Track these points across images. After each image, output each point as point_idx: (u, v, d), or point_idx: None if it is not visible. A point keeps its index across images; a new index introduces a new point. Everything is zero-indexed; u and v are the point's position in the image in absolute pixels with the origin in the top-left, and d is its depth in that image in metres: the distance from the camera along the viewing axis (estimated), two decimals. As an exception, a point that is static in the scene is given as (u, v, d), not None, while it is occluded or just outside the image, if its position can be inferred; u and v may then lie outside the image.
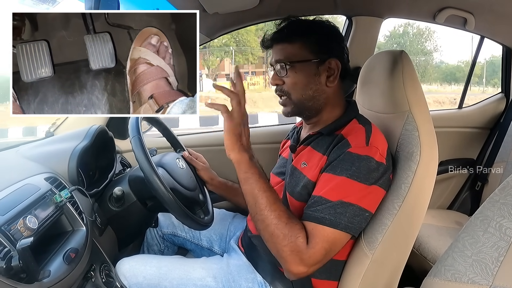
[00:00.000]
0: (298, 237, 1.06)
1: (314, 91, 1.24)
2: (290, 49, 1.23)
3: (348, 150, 1.12)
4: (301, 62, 1.22)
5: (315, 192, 1.13)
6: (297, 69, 1.22)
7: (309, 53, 1.23)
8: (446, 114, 2.72)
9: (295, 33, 1.24)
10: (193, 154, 1.73)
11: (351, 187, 1.09)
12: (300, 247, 1.06)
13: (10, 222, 0.96)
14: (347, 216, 1.08)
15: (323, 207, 1.08)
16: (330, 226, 1.07)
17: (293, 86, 1.23)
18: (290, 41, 1.23)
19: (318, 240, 1.07)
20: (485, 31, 2.41)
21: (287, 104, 1.27)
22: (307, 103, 1.25)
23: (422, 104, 1.24)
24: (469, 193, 2.65)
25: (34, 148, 1.49)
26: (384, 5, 2.06)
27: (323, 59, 1.24)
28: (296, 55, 1.22)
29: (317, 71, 1.24)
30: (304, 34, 1.24)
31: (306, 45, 1.23)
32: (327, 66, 1.24)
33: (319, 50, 1.23)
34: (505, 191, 0.81)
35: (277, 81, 1.26)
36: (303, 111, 1.28)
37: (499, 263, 0.77)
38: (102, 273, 1.24)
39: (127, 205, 1.45)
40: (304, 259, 1.06)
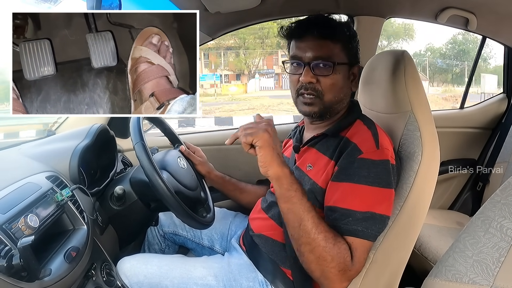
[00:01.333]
0: (346, 256, 1.06)
1: (344, 94, 1.25)
2: (333, 48, 1.20)
3: (360, 156, 1.11)
4: (342, 64, 1.21)
5: (337, 203, 1.11)
6: (338, 71, 1.20)
7: (345, 56, 1.22)
8: (447, 114, 2.72)
9: (339, 33, 1.22)
10: (191, 148, 1.73)
11: (376, 195, 1.09)
12: (348, 265, 1.06)
13: (11, 220, 0.96)
14: (377, 226, 1.09)
15: (353, 219, 1.08)
16: (363, 237, 1.08)
17: (331, 87, 1.21)
18: (334, 39, 1.20)
19: (360, 253, 1.08)
20: (487, 32, 2.40)
21: (316, 104, 1.22)
22: (334, 105, 1.24)
23: (424, 104, 1.24)
24: (470, 194, 2.65)
25: (35, 146, 1.49)
26: (386, 5, 2.06)
27: (353, 64, 1.25)
28: (337, 56, 1.20)
29: (348, 75, 1.25)
30: (346, 36, 1.23)
31: (345, 47, 1.22)
32: (353, 71, 1.26)
33: (351, 54, 1.24)
34: (506, 192, 0.81)
35: (312, 79, 1.20)
36: (328, 113, 1.26)
37: (500, 264, 0.77)
38: (103, 271, 1.24)
39: (128, 204, 1.45)
40: (350, 275, 1.09)
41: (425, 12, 2.14)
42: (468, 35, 29.45)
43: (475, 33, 2.38)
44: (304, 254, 1.09)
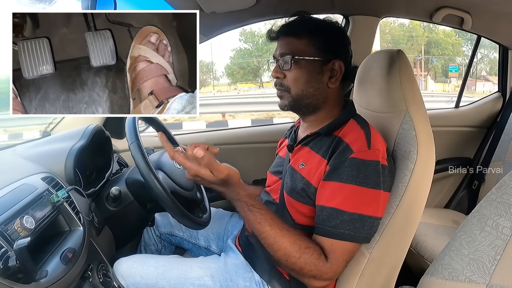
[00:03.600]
0: (318, 264, 1.09)
1: (315, 89, 1.24)
2: (296, 44, 1.23)
3: (351, 156, 1.12)
4: (306, 58, 1.22)
5: (325, 202, 1.13)
6: (301, 65, 1.22)
7: (314, 51, 1.22)
8: (443, 113, 2.72)
9: (303, 29, 1.24)
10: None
11: (364, 195, 1.10)
12: (322, 270, 1.09)
13: (7, 222, 0.95)
14: (366, 229, 1.10)
15: (341, 221, 1.09)
16: (350, 240, 1.09)
17: (295, 81, 1.23)
18: (298, 36, 1.23)
19: (339, 255, 1.10)
20: (482, 31, 2.41)
21: (285, 97, 1.26)
22: (306, 99, 1.25)
23: (419, 103, 1.24)
24: (466, 192, 2.66)
25: (30, 148, 1.49)
26: (381, 5, 2.06)
27: (328, 59, 1.24)
28: (302, 51, 1.22)
29: (320, 70, 1.24)
30: (312, 32, 1.23)
31: (312, 43, 1.22)
32: (330, 67, 1.24)
33: (325, 49, 1.23)
34: (501, 190, 0.81)
35: (279, 74, 1.25)
36: (300, 107, 1.27)
37: (496, 262, 0.77)
38: (100, 273, 1.24)
39: (124, 205, 1.45)
40: (327, 277, 1.11)
41: (420, 11, 2.14)
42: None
43: (471, 32, 2.39)
44: (277, 262, 1.18)
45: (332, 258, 1.09)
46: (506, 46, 2.55)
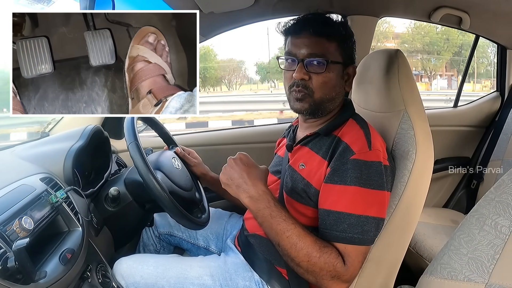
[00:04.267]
0: (336, 264, 1.07)
1: (336, 94, 1.24)
2: (327, 46, 1.20)
3: (352, 157, 1.11)
4: (336, 63, 1.21)
5: (331, 206, 1.12)
6: (331, 69, 1.20)
7: (339, 55, 1.22)
8: (441, 112, 2.73)
9: (335, 31, 1.21)
10: (186, 150, 1.74)
11: (368, 197, 1.09)
12: (340, 271, 1.07)
13: (6, 223, 0.95)
14: (373, 230, 1.10)
15: (348, 225, 1.08)
16: (360, 244, 1.08)
17: (323, 84, 1.20)
18: (329, 38, 1.20)
19: (354, 258, 1.08)
20: (480, 30, 2.42)
21: (306, 100, 1.22)
22: (326, 103, 1.24)
23: (418, 103, 1.24)
24: (464, 192, 2.66)
25: (29, 148, 1.49)
26: (379, 4, 2.06)
27: (347, 64, 1.24)
28: (332, 54, 1.20)
29: (342, 75, 1.24)
30: (342, 35, 1.23)
31: (340, 47, 1.22)
32: (347, 71, 1.25)
33: (347, 54, 1.24)
34: (500, 189, 0.81)
35: (305, 76, 1.19)
36: (319, 111, 1.25)
37: (495, 261, 0.78)
38: (99, 273, 1.24)
39: (123, 205, 1.44)
40: (345, 279, 1.09)
41: (419, 11, 2.14)
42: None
43: (469, 32, 2.39)
44: (294, 268, 1.12)
45: (348, 261, 1.07)
46: (504, 45, 2.55)
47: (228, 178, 1.16)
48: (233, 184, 1.15)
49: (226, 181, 1.17)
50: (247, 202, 1.13)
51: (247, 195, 1.13)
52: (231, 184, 1.16)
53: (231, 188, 1.16)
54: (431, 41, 26.91)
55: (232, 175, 1.16)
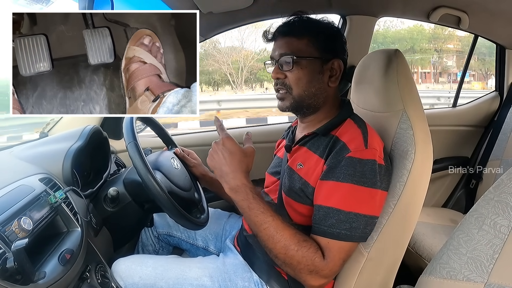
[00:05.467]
0: (314, 259, 1.08)
1: (316, 89, 1.24)
2: (297, 44, 1.22)
3: (348, 154, 1.12)
4: (307, 58, 1.22)
5: (322, 202, 1.13)
6: (303, 65, 1.21)
7: (315, 51, 1.22)
8: (440, 112, 2.73)
9: (303, 29, 1.23)
10: (185, 151, 1.74)
11: (360, 194, 1.10)
12: (318, 266, 1.08)
13: (5, 223, 0.95)
14: (361, 227, 1.10)
15: (337, 220, 1.09)
16: (346, 240, 1.09)
17: (297, 81, 1.22)
18: (298, 36, 1.22)
19: (335, 253, 1.09)
20: (479, 30, 2.42)
21: (286, 98, 1.25)
22: (307, 100, 1.25)
23: (417, 102, 1.24)
24: (463, 191, 2.66)
25: (28, 149, 1.48)
26: (378, 4, 2.06)
27: (328, 58, 1.24)
28: (302, 51, 1.21)
29: (321, 70, 1.24)
30: (312, 31, 1.23)
31: (313, 43, 1.22)
32: (330, 66, 1.25)
33: (325, 49, 1.23)
34: (499, 189, 0.81)
35: (279, 75, 1.24)
36: (302, 108, 1.27)
37: (494, 261, 0.78)
38: (98, 273, 1.24)
39: (122, 206, 1.45)
40: (324, 274, 1.09)
41: (417, 11, 2.15)
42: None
43: (468, 31, 2.39)
44: (273, 259, 1.14)
45: (328, 256, 1.08)
46: (503, 45, 2.56)
47: (213, 165, 1.20)
48: (217, 171, 1.19)
49: (212, 167, 1.20)
50: (228, 192, 1.17)
51: (228, 186, 1.17)
52: (216, 171, 1.19)
53: (217, 174, 1.19)
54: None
55: (216, 163, 1.19)
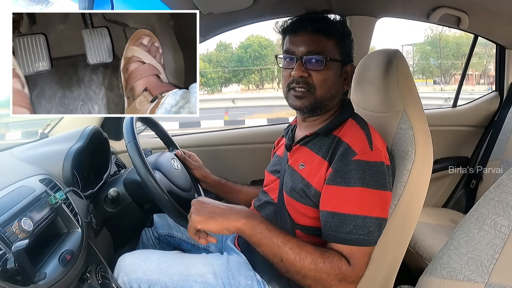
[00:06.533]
0: (341, 266, 1.06)
1: (336, 91, 1.24)
2: (325, 44, 1.20)
3: (355, 158, 1.11)
4: (335, 60, 1.21)
5: (335, 208, 1.11)
6: (330, 67, 1.20)
7: (338, 53, 1.22)
8: (440, 112, 2.73)
9: (333, 29, 1.22)
10: (186, 153, 1.73)
11: (373, 197, 1.09)
12: (346, 273, 1.06)
13: (5, 224, 0.95)
14: (377, 231, 1.09)
15: (354, 227, 1.07)
16: (365, 245, 1.08)
17: (323, 82, 1.20)
18: (327, 36, 1.20)
19: (360, 259, 1.08)
20: (479, 30, 2.42)
21: (307, 97, 1.21)
22: (326, 101, 1.23)
23: (417, 103, 1.24)
24: (464, 191, 2.66)
25: (28, 149, 1.49)
26: (378, 5, 2.06)
27: (346, 62, 1.24)
28: (330, 52, 1.20)
29: (341, 72, 1.24)
30: (340, 33, 1.23)
31: (339, 45, 1.22)
32: (345, 69, 1.25)
33: (345, 52, 1.24)
34: (499, 189, 0.81)
35: (304, 73, 1.19)
36: (319, 108, 1.25)
37: (495, 261, 0.78)
38: (98, 274, 1.24)
39: (122, 206, 1.45)
40: (352, 280, 1.08)
41: (417, 11, 2.14)
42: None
43: (467, 31, 2.39)
44: (300, 281, 1.10)
45: (354, 262, 1.07)
46: (503, 45, 2.55)
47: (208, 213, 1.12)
48: (216, 214, 1.12)
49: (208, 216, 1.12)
50: (242, 223, 1.11)
51: (239, 216, 1.12)
52: (215, 216, 1.12)
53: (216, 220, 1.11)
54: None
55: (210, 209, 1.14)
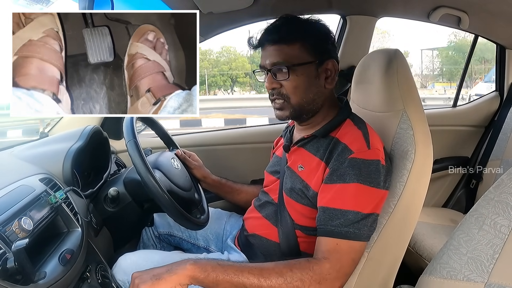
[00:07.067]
0: (312, 268, 1.02)
1: (315, 94, 1.23)
2: (288, 51, 1.19)
3: (351, 156, 1.11)
4: (302, 64, 1.19)
5: (328, 204, 1.11)
6: (298, 72, 1.19)
7: (308, 55, 1.20)
8: (440, 112, 2.73)
9: (293, 34, 1.20)
10: (186, 153, 1.73)
11: (367, 193, 1.09)
12: (322, 272, 1.02)
13: (5, 223, 0.95)
14: (368, 226, 1.08)
15: (345, 220, 1.07)
16: (355, 239, 1.06)
17: (294, 89, 1.20)
18: (288, 42, 1.19)
19: (343, 254, 1.05)
20: (479, 30, 2.42)
21: (285, 107, 1.23)
22: (306, 106, 1.23)
23: (417, 102, 1.24)
24: (464, 191, 2.66)
25: (28, 149, 1.48)
26: (378, 4, 2.06)
27: (322, 60, 1.22)
28: (295, 57, 1.19)
29: (317, 73, 1.22)
30: (303, 35, 1.20)
31: (305, 46, 1.20)
32: (325, 68, 1.23)
33: (317, 51, 1.21)
34: (499, 189, 0.81)
35: (274, 85, 1.21)
36: (302, 115, 1.25)
37: (494, 261, 0.78)
38: (98, 273, 1.23)
39: (122, 206, 1.44)
40: (332, 277, 1.03)
41: (417, 11, 2.14)
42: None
43: (468, 31, 2.39)
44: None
45: (334, 258, 1.05)
46: (503, 45, 2.55)
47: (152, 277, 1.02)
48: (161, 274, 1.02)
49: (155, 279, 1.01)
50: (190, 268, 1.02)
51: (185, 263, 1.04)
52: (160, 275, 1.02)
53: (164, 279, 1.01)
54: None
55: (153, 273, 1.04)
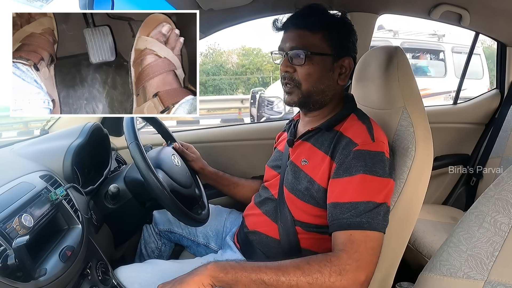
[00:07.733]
0: (330, 259, 1.01)
1: (325, 86, 1.23)
2: (310, 38, 1.20)
3: (356, 148, 1.11)
4: (320, 54, 1.20)
5: (337, 199, 1.10)
6: (315, 61, 1.20)
7: (327, 47, 1.21)
8: (441, 109, 2.72)
9: (318, 23, 1.21)
10: (184, 145, 1.74)
11: (374, 183, 1.08)
12: (340, 263, 1.00)
13: (6, 220, 0.95)
14: (381, 216, 1.06)
15: (356, 211, 1.05)
16: (368, 228, 1.04)
17: (307, 76, 1.21)
18: (312, 30, 1.20)
19: (359, 243, 1.03)
20: (480, 27, 2.41)
21: (295, 93, 1.24)
22: (315, 96, 1.24)
23: (417, 100, 1.24)
24: (464, 189, 2.66)
25: (28, 146, 1.48)
26: (379, 1, 2.06)
27: (339, 56, 1.23)
28: (315, 46, 1.20)
29: (332, 67, 1.23)
30: (327, 27, 1.22)
31: (326, 38, 1.21)
32: (340, 64, 1.24)
33: (337, 46, 1.23)
34: (499, 186, 0.81)
35: (289, 68, 1.22)
36: (309, 103, 1.26)
37: (494, 258, 0.78)
38: (99, 270, 1.24)
39: (122, 202, 1.44)
40: (351, 268, 1.00)
41: (418, 8, 2.14)
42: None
43: (469, 29, 2.39)
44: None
45: (350, 248, 1.02)
46: (504, 42, 2.55)
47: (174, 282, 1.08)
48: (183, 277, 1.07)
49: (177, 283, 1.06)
50: (210, 268, 1.04)
51: (205, 265, 1.06)
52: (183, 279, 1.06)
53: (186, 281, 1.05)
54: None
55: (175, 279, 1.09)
